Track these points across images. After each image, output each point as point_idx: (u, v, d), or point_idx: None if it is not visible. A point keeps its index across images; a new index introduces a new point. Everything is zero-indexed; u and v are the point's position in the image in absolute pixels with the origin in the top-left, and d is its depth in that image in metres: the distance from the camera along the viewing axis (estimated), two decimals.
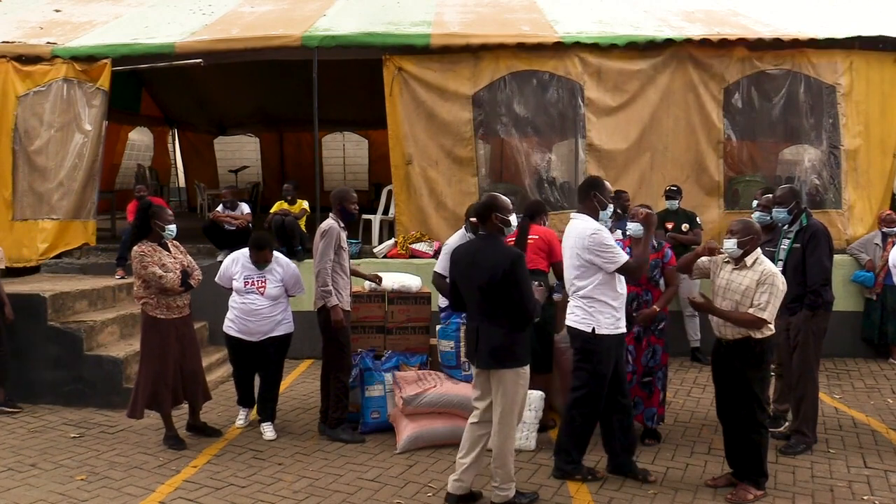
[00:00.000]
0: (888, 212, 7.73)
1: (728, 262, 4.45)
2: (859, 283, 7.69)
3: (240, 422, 5.79)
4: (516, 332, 4.13)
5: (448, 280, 4.52)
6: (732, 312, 4.30)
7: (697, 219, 7.56)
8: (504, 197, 4.32)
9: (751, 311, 4.22)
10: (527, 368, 4.20)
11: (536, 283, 4.46)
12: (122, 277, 7.67)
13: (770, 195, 5.73)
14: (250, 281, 5.52)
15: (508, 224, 4.24)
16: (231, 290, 5.60)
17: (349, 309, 5.52)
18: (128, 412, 5.39)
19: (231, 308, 5.58)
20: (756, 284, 4.24)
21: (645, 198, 7.59)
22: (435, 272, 5.78)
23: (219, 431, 5.61)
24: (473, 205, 4.51)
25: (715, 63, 8.02)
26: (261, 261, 5.55)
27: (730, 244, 4.35)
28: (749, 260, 4.33)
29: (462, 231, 5.70)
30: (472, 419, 4.34)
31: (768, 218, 5.50)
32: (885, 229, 7.57)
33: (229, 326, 5.59)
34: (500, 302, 4.07)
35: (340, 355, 5.43)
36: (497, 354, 4.12)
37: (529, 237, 5.60)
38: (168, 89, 13.36)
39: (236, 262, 5.59)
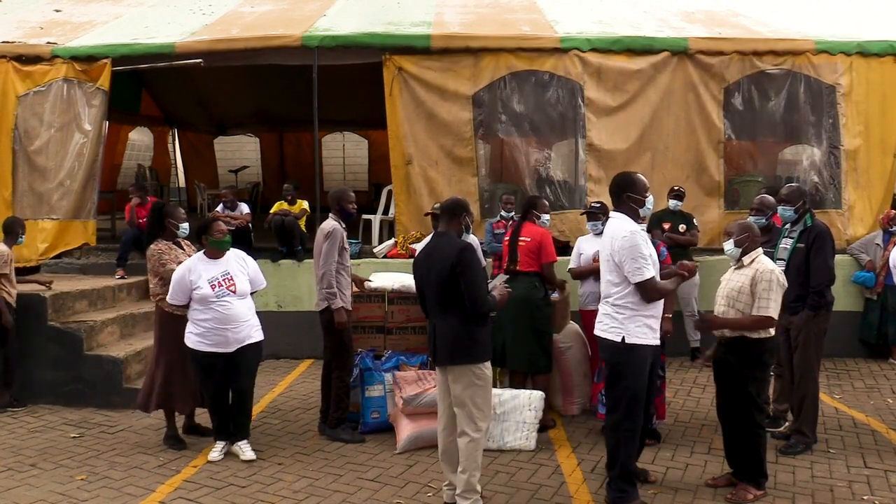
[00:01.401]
0: (894, 211, 7.71)
1: (731, 265, 4.50)
2: (860, 284, 7.69)
3: (214, 454, 5.11)
4: (471, 326, 4.05)
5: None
6: (739, 320, 4.29)
7: (694, 220, 7.55)
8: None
9: (755, 312, 4.23)
10: (485, 367, 4.11)
11: (504, 284, 4.42)
12: (122, 277, 7.67)
13: (764, 197, 5.75)
14: (216, 282, 4.94)
15: (469, 228, 4.30)
16: (185, 306, 5.01)
17: (350, 309, 5.51)
18: (138, 404, 5.38)
19: (197, 322, 4.96)
20: (750, 283, 4.25)
21: None
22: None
23: (207, 429, 5.45)
24: (443, 203, 4.43)
25: (715, 63, 8.02)
26: (216, 233, 5.01)
27: (728, 246, 4.40)
28: (747, 259, 4.37)
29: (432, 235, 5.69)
30: (439, 425, 4.28)
31: (763, 220, 5.52)
32: (893, 228, 7.55)
33: (199, 342, 4.96)
34: (453, 296, 4.04)
35: (343, 355, 5.43)
36: (452, 350, 4.06)
37: (522, 238, 5.57)
38: (168, 89, 13.34)
39: (192, 270, 4.95)
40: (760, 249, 4.43)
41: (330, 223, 5.38)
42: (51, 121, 8.15)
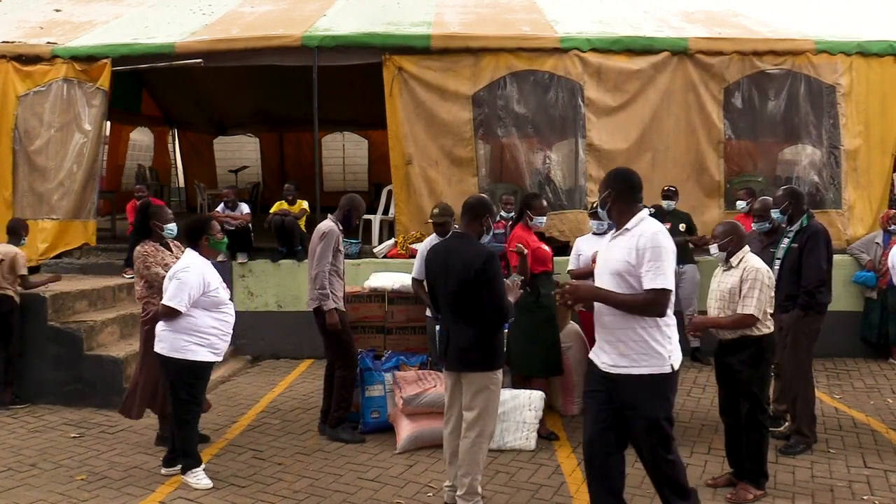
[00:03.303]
0: (894, 211, 7.71)
1: (720, 266, 4.53)
2: (860, 284, 7.68)
3: (206, 482, 4.62)
4: (488, 333, 3.98)
5: (425, 283, 4.41)
6: (723, 319, 4.33)
7: (692, 219, 7.53)
8: None
9: (738, 310, 4.25)
10: (499, 373, 4.07)
11: (518, 280, 4.37)
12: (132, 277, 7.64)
13: (765, 199, 5.76)
14: (224, 286, 4.69)
15: (490, 229, 4.18)
16: (181, 313, 4.47)
17: (343, 310, 5.48)
18: (122, 410, 5.30)
19: (202, 333, 4.51)
20: (739, 282, 4.29)
21: (646, 198, 7.57)
22: (413, 278, 5.74)
23: (206, 437, 5.38)
24: (466, 201, 4.22)
25: (715, 63, 8.03)
26: (217, 233, 4.73)
27: (713, 249, 4.46)
28: (735, 260, 4.40)
29: (433, 236, 5.64)
30: (445, 428, 4.22)
31: (766, 225, 5.54)
32: (893, 227, 7.54)
33: (209, 352, 4.55)
34: (472, 302, 3.94)
35: (345, 354, 5.42)
36: (467, 356, 3.99)
37: (510, 249, 5.52)
38: (168, 89, 13.36)
39: (207, 274, 4.55)
40: (748, 248, 4.45)
41: (327, 224, 5.37)
42: (51, 121, 8.16)
